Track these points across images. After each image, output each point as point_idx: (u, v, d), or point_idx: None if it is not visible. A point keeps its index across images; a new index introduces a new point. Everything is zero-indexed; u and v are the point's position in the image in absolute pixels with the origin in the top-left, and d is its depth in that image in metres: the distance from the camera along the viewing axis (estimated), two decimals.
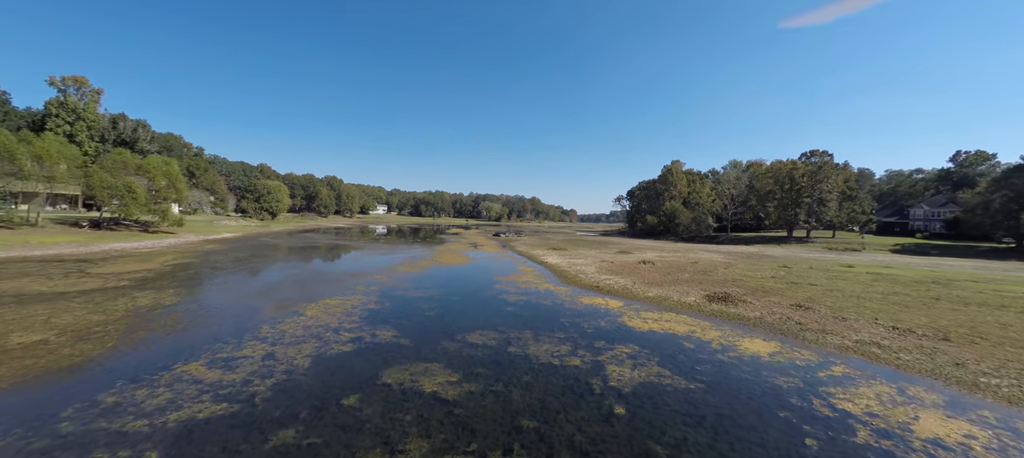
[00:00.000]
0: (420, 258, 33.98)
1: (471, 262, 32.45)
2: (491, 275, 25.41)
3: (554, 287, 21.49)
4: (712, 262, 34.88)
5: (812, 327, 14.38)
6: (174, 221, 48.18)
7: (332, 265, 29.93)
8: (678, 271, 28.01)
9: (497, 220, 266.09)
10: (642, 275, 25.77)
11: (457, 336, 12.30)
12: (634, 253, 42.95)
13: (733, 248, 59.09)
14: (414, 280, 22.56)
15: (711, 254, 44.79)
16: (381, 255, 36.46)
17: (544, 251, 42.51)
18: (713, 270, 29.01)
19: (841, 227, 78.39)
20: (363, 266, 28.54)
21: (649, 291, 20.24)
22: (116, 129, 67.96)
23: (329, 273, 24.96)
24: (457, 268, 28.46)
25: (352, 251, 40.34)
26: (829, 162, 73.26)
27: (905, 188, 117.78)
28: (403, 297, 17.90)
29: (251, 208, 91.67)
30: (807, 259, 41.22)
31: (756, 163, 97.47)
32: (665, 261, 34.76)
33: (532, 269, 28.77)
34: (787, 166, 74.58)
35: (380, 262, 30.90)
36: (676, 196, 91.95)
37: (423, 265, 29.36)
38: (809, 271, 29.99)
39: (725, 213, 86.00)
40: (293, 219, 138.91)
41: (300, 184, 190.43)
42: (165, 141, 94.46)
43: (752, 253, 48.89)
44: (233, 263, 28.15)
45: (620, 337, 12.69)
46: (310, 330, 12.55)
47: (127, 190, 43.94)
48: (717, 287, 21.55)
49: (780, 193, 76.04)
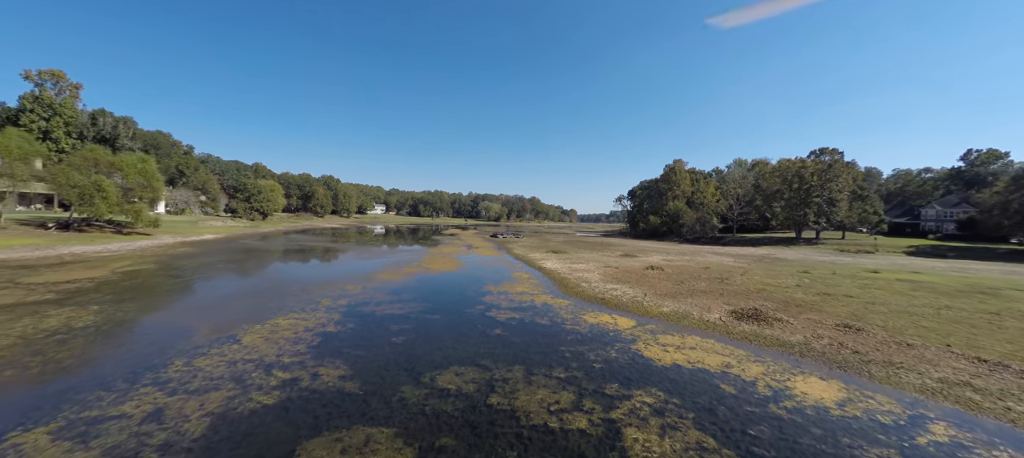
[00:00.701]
0: (406, 263, 31.08)
1: (461, 267, 29.56)
2: (482, 284, 22.51)
3: (553, 300, 18.59)
4: (725, 267, 31.99)
5: (875, 357, 11.50)
6: (149, 222, 45.23)
7: (305, 271, 27.03)
8: (691, 278, 25.12)
9: (496, 220, 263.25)
10: (652, 284, 22.88)
11: (424, 377, 9.40)
12: (639, 256, 40.06)
13: (741, 250, 56.22)
14: (392, 291, 19.64)
15: (721, 257, 41.91)
16: (364, 259, 33.55)
17: (542, 254, 39.63)
18: (729, 277, 26.12)
19: (851, 228, 75.64)
20: (339, 273, 25.63)
21: (664, 305, 17.34)
22: (96, 126, 64.99)
23: (297, 282, 22.03)
24: (445, 275, 25.55)
25: (335, 254, 37.42)
26: (840, 160, 70.41)
27: (913, 188, 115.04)
28: (372, 315, 14.98)
29: (241, 208, 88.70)
30: (823, 262, 38.38)
31: (761, 162, 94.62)
32: (674, 266, 31.87)
33: (528, 276, 25.87)
34: (796, 164, 71.74)
35: (360, 268, 27.99)
36: (679, 196, 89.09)
37: (407, 272, 26.45)
38: (834, 277, 27.14)
39: (730, 213, 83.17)
40: (288, 219, 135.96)
41: (296, 184, 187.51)
42: (152, 139, 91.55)
43: (763, 256, 46.02)
44: (194, 270, 25.24)
45: (638, 376, 9.79)
46: (234, 368, 9.65)
47: (96, 189, 41.02)
48: (741, 300, 18.67)
49: (788, 193, 73.18)
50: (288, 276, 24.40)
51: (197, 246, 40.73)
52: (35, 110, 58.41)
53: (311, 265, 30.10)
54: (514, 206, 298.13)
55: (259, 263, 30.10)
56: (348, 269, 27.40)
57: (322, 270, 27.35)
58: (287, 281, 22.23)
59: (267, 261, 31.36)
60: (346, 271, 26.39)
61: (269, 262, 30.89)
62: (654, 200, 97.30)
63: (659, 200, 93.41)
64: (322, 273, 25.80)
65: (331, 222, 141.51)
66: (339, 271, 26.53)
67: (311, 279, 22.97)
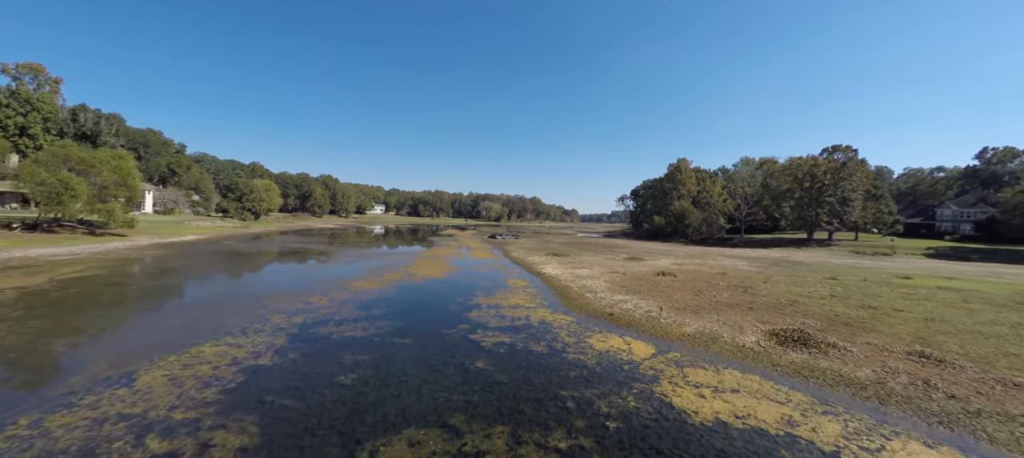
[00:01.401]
0: (392, 267, 28.19)
1: (452, 273, 26.65)
2: (471, 294, 19.59)
3: (552, 316, 15.65)
4: (743, 272, 29.02)
5: (982, 407, 8.55)
6: (123, 222, 42.45)
7: (270, 278, 24.11)
8: (709, 287, 22.16)
9: (496, 220, 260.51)
10: (666, 294, 19.95)
11: (362, 451, 6.49)
12: (646, 260, 37.11)
13: (753, 252, 53.22)
14: (363, 305, 16.73)
15: (734, 260, 38.95)
16: (347, 263, 30.67)
17: (542, 257, 36.71)
18: (750, 285, 23.17)
19: (865, 229, 72.56)
20: (310, 280, 22.72)
21: (685, 323, 14.40)
22: (76, 122, 62.31)
23: (253, 292, 19.14)
24: (430, 283, 22.61)
25: (317, 257, 34.54)
26: (854, 158, 67.29)
27: (924, 187, 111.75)
28: (326, 340, 12.07)
29: (232, 208, 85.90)
30: (844, 266, 35.43)
31: (769, 160, 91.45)
32: (686, 271, 28.92)
33: (525, 284, 22.93)
34: (807, 163, 68.69)
35: (338, 273, 25.10)
36: (685, 195, 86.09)
37: (389, 279, 23.54)
38: (866, 285, 24.19)
39: (738, 214, 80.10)
40: (284, 219, 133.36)
41: (294, 183, 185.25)
42: (141, 137, 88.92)
43: (778, 259, 43.02)
44: (146, 277, 22.40)
45: (671, 445, 6.87)
46: (96, 432, 6.74)
47: (64, 187, 38.26)
48: (775, 316, 15.71)
49: (799, 192, 70.20)
50: (247, 285, 21.54)
51: (170, 249, 37.92)
52: (11, 105, 55.75)
53: (283, 270, 27.21)
54: (515, 206, 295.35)
55: (225, 268, 27.26)
56: (323, 275, 24.51)
57: (291, 277, 24.45)
58: (243, 291, 19.36)
59: (235, 266, 28.53)
60: (319, 278, 23.49)
61: (237, 267, 28.05)
62: (658, 200, 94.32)
63: (663, 200, 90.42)
64: (290, 280, 22.90)
65: (328, 222, 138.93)
66: (311, 278, 23.63)
67: (273, 289, 20.06)
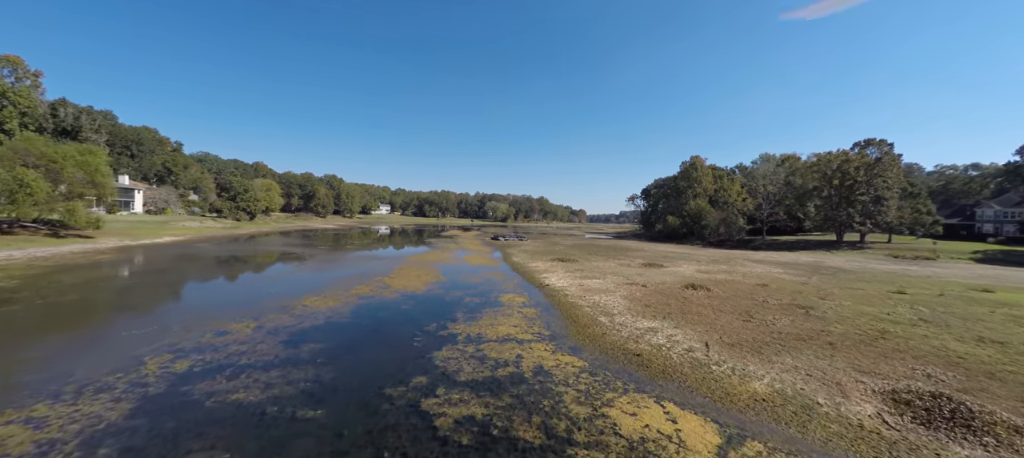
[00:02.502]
0: (367, 276, 23.79)
1: (435, 284, 22.12)
2: (449, 316, 15.07)
3: (553, 357, 11.05)
4: (787, 284, 24.14)
5: None
6: (88, 222, 38.78)
7: (203, 293, 19.66)
8: (757, 306, 17.37)
9: (503, 221, 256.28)
10: (704, 315, 15.24)
11: None
12: (666, 266, 32.30)
13: (780, 256, 47.95)
14: (296, 336, 12.26)
15: (766, 267, 33.96)
16: (317, 271, 26.35)
17: (546, 263, 32.08)
18: (806, 302, 18.34)
19: (899, 230, 66.62)
20: (251, 295, 18.36)
21: (751, 373, 9.71)
22: (56, 117, 59.17)
23: (161, 314, 14.81)
24: (402, 300, 18.09)
25: (286, 263, 30.32)
26: (889, 153, 61.52)
27: (958, 185, 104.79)
28: (193, 410, 7.62)
29: (225, 208, 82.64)
30: (896, 274, 30.32)
31: (792, 157, 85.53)
32: (718, 282, 24.12)
33: (523, 300, 18.34)
34: (838, 158, 63.08)
35: (297, 285, 20.74)
36: (701, 194, 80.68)
37: (356, 292, 19.09)
38: (949, 302, 19.26)
39: (759, 213, 74.53)
40: (286, 219, 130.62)
41: (297, 183, 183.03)
42: (135, 135, 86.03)
43: (813, 264, 37.84)
44: (60, 292, 18.27)
45: None
46: None
47: (19, 185, 34.66)
48: (873, 358, 10.94)
49: (828, 190, 64.64)
50: (165, 302, 17.27)
51: (129, 253, 34.04)
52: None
53: (230, 281, 22.88)
54: (522, 206, 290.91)
55: (158, 279, 23.11)
56: (275, 288, 20.11)
57: (233, 290, 20.10)
58: (147, 314, 15.01)
59: (179, 274, 24.43)
60: (266, 292, 19.08)
61: (179, 276, 23.94)
62: (671, 199, 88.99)
63: (677, 199, 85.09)
64: (225, 296, 18.56)
65: (332, 223, 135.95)
66: (255, 292, 19.28)
67: (194, 308, 15.75)
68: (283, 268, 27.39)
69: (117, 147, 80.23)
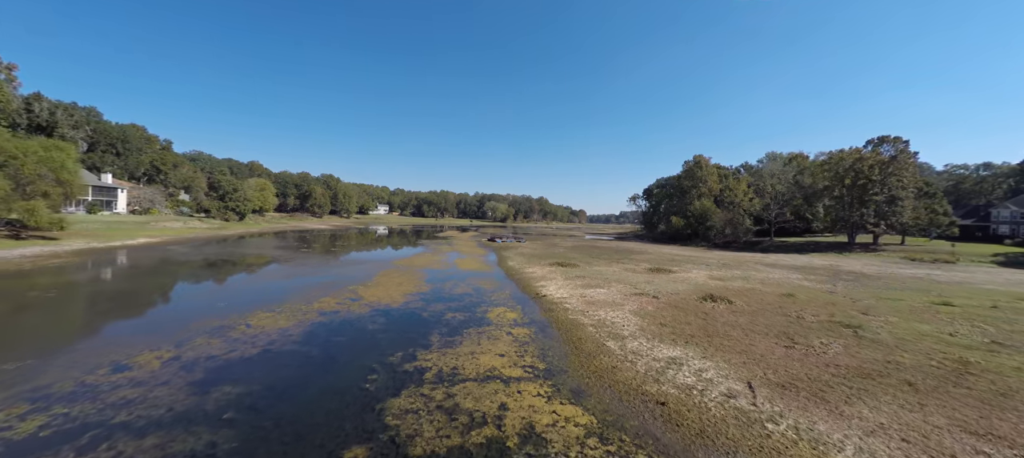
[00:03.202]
0: (340, 284, 20.98)
1: (415, 295, 19.29)
2: (421, 341, 12.28)
3: (549, 407, 8.22)
4: (817, 295, 21.38)
5: None
6: (50, 222, 35.96)
7: (135, 310, 16.89)
8: (794, 325, 14.57)
9: (502, 221, 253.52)
10: (734, 338, 12.45)
11: None
12: (675, 271, 29.50)
13: (793, 259, 45.13)
14: (216, 373, 9.44)
15: (783, 272, 31.16)
16: (286, 277, 23.48)
17: (544, 268, 29.27)
18: (847, 318, 15.57)
19: (913, 232, 63.81)
20: (195, 309, 15.56)
21: (829, 446, 6.92)
22: (30, 112, 56.34)
23: (55, 346, 12.07)
24: (371, 316, 15.21)
25: (257, 269, 27.52)
26: (905, 151, 58.71)
27: (969, 185, 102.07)
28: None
29: (214, 207, 79.75)
30: (926, 280, 27.55)
31: (799, 156, 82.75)
32: (737, 291, 21.35)
33: (515, 317, 15.53)
34: (851, 156, 60.22)
35: (254, 296, 17.92)
36: (705, 194, 77.86)
37: (319, 306, 16.27)
38: (1001, 314, 16.53)
39: (767, 214, 71.67)
40: (281, 219, 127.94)
41: (294, 183, 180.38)
42: (120, 132, 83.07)
43: (831, 268, 35.03)
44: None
45: None
46: None
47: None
48: (971, 409, 8.15)
49: (840, 189, 61.85)
50: (75, 322, 14.42)
51: (90, 257, 31.22)
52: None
53: (176, 292, 19.96)
54: (521, 206, 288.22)
55: (98, 288, 20.27)
56: (223, 301, 17.21)
57: (168, 306, 17.13)
58: (39, 340, 12.21)
59: (121, 283, 21.63)
60: (209, 307, 16.11)
61: (119, 285, 21.12)
62: (675, 199, 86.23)
63: (681, 199, 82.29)
64: (155, 314, 15.66)
65: (327, 223, 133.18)
66: (197, 306, 16.38)
67: (105, 332, 12.88)
68: (246, 276, 24.55)
69: (102, 145, 77.44)
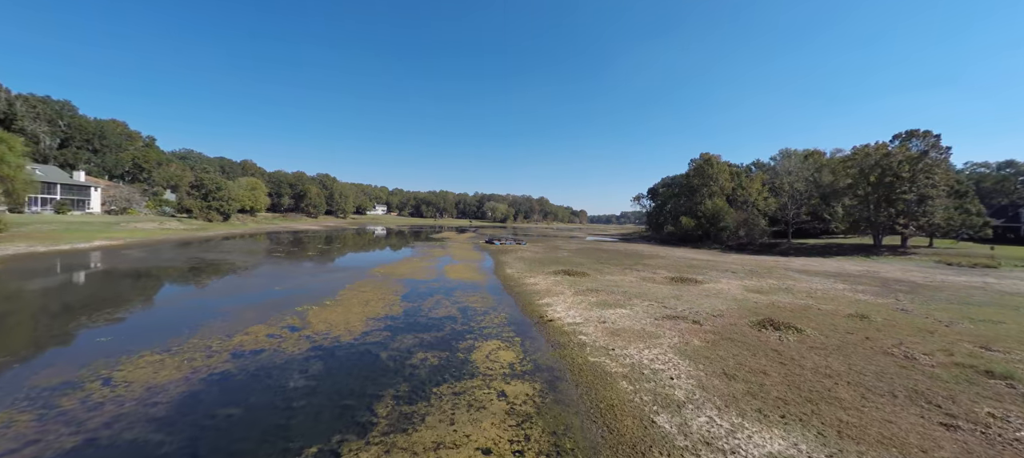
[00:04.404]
0: (295, 301, 16.49)
1: (386, 319, 14.77)
2: (369, 407, 7.83)
3: None
4: (896, 318, 16.92)
5: None
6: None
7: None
8: (907, 369, 10.06)
9: (502, 221, 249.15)
10: (843, 401, 7.92)
11: None
12: (701, 280, 24.97)
13: (821, 264, 40.58)
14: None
15: (825, 281, 26.65)
16: (224, 295, 18.91)
17: (549, 277, 24.74)
18: (968, 354, 11.11)
19: (939, 233, 59.24)
20: (63, 350, 11.08)
21: None
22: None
23: None
24: (313, 358, 10.69)
25: (200, 281, 22.96)
26: (937, 146, 54.21)
27: (989, 184, 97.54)
28: None
29: (196, 207, 75.16)
30: (992, 289, 23.12)
31: (815, 153, 78.16)
32: (793, 312, 16.87)
33: (512, 359, 11.00)
34: (878, 152, 55.76)
35: (158, 326, 13.43)
36: (717, 193, 73.31)
37: (241, 341, 11.75)
38: None
39: (784, 214, 67.14)
40: (273, 220, 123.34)
41: (288, 182, 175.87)
42: (97, 127, 78.59)
43: (872, 275, 30.48)
44: None
45: None
46: None
47: None
48: None
49: (864, 188, 57.40)
50: None
51: (19, 263, 26.75)
52: None
53: (62, 319, 15.44)
54: (521, 207, 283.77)
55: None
56: (105, 337, 12.64)
57: (30, 341, 12.81)
58: None
59: (41, 301, 17.12)
60: (78, 348, 11.47)
61: (39, 303, 16.63)
62: (682, 199, 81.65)
63: (690, 199, 77.74)
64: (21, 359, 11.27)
65: (322, 224, 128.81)
66: (61, 349, 11.85)
67: None
68: (177, 290, 19.91)
69: (76, 141, 72.98)
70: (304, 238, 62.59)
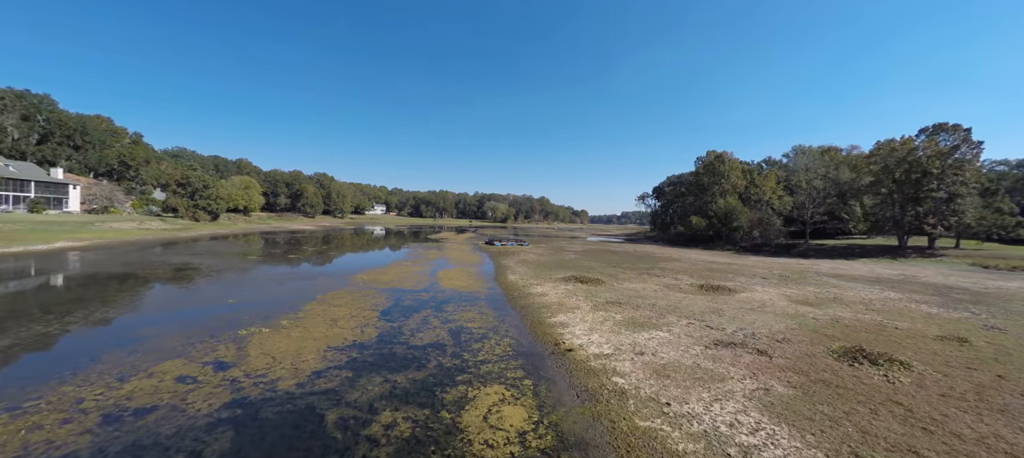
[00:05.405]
0: (249, 319, 13.06)
1: (353, 348, 11.28)
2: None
3: None
4: (998, 340, 13.44)
5: None
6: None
7: None
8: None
9: (502, 221, 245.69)
10: None
11: None
12: (732, 288, 21.46)
13: (851, 267, 37.04)
14: None
15: (870, 289, 23.13)
16: (163, 308, 15.48)
17: (559, 285, 21.25)
18: None
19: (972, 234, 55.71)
20: None
21: None
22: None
23: None
24: (227, 419, 7.33)
25: (151, 289, 19.49)
26: (968, 140, 50.65)
27: (1009, 183, 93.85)
28: None
29: (181, 206, 71.63)
30: None
31: (831, 149, 74.62)
32: (866, 334, 13.40)
33: (522, 425, 7.57)
34: (904, 147, 52.26)
35: (55, 358, 10.04)
36: (729, 191, 69.76)
37: (135, 390, 8.32)
38: None
39: (801, 214, 63.58)
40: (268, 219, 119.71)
41: (285, 181, 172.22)
42: (78, 123, 75.04)
43: (911, 279, 26.95)
44: None
45: None
46: None
47: None
48: None
49: (889, 185, 53.94)
50: None
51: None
52: None
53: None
54: (522, 206, 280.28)
55: None
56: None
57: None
58: None
59: None
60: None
61: None
62: (691, 198, 78.12)
63: (700, 197, 74.19)
64: None
65: (318, 224, 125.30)
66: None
67: None
68: (94, 305, 16.41)
69: (56, 136, 69.53)
70: (295, 238, 59.16)
